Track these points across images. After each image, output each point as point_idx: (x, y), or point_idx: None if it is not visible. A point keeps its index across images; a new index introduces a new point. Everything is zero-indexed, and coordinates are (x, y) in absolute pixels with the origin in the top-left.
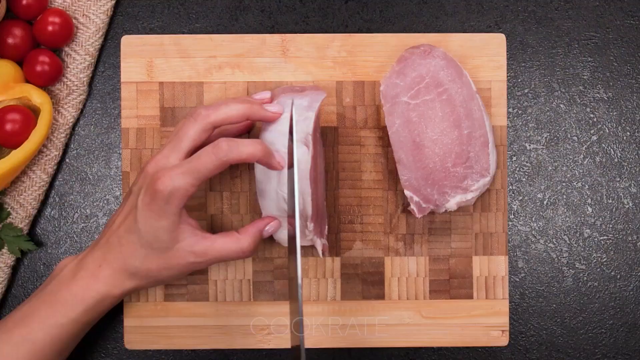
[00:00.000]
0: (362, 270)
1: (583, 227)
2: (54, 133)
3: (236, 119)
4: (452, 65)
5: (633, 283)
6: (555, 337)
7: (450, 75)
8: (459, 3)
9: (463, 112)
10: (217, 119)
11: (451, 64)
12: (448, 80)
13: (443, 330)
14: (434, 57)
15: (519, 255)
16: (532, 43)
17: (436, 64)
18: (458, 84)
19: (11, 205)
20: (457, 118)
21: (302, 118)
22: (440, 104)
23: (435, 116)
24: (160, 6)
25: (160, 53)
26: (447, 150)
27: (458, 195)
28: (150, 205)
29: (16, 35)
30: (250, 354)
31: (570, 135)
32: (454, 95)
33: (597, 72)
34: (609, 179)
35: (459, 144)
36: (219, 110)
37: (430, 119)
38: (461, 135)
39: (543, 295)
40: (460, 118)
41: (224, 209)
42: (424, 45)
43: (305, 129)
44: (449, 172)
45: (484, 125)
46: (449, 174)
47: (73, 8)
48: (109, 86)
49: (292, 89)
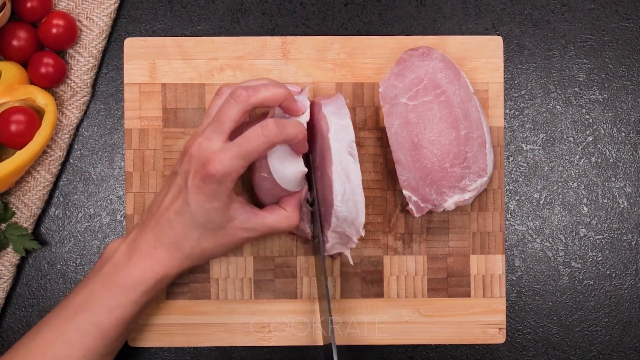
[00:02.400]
0: (362, 268)
1: (579, 226)
2: (58, 134)
3: (273, 103)
4: (450, 67)
5: (628, 281)
6: (551, 335)
7: (448, 77)
8: (457, 6)
9: (461, 113)
10: (257, 101)
11: (449, 66)
12: (446, 82)
13: (441, 327)
14: (432, 59)
15: (515, 254)
16: (529, 45)
17: (434, 66)
18: (456, 86)
19: (16, 205)
20: (455, 119)
21: (339, 127)
22: (438, 105)
23: (433, 117)
24: (163, 9)
25: (163, 55)
26: (445, 151)
27: (456, 195)
28: (202, 188)
29: (21, 38)
30: (251, 351)
31: (566, 136)
32: (452, 96)
33: (593, 74)
34: (604, 179)
35: (456, 145)
36: (259, 92)
37: (429, 120)
38: (459, 136)
39: (539, 293)
40: (457, 119)
41: None
42: (423, 48)
43: (347, 137)
44: (447, 172)
45: (482, 126)
46: (446, 174)
47: (77, 11)
48: (112, 88)
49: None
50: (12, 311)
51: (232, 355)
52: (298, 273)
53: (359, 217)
